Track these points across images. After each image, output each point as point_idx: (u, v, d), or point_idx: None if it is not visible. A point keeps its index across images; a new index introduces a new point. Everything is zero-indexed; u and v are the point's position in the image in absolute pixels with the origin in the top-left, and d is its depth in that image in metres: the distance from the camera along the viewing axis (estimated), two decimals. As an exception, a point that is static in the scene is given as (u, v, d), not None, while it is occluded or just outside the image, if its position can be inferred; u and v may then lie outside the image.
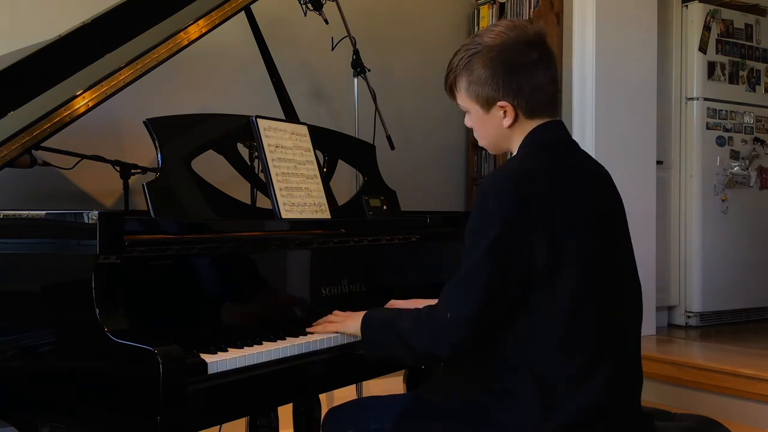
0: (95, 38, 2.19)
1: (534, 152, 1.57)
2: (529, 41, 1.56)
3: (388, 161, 2.86)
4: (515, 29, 1.57)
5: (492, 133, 1.63)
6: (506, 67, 1.55)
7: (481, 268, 1.46)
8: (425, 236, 2.28)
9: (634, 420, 1.56)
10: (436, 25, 4.16)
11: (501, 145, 1.65)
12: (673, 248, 4.48)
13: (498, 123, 1.60)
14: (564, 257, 1.46)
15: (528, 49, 1.55)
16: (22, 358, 1.57)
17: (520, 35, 1.56)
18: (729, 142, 4.60)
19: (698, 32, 4.49)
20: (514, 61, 1.55)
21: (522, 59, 1.55)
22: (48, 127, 1.87)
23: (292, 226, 1.96)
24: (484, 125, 1.63)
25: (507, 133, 1.61)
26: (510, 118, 1.58)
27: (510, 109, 1.57)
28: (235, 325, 1.73)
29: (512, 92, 1.56)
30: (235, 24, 2.47)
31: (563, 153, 1.60)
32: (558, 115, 1.65)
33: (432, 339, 1.51)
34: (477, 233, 1.48)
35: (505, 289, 1.46)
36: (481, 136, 1.67)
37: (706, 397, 3.24)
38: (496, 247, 1.45)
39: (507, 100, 1.57)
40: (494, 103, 1.58)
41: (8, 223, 1.61)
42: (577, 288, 1.47)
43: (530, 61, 1.55)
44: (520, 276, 1.46)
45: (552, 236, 1.46)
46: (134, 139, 2.83)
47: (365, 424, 1.68)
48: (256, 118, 2.04)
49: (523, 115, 1.58)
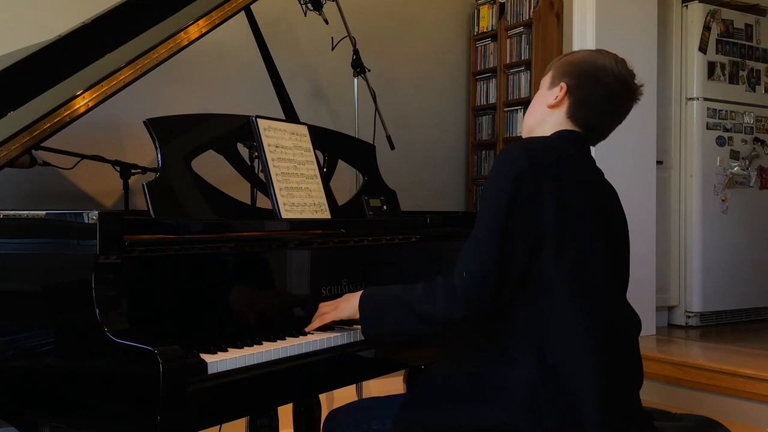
0: (95, 38, 2.19)
1: (554, 140, 1.64)
2: (622, 78, 1.66)
3: (388, 161, 2.86)
4: (625, 70, 1.68)
5: (537, 109, 1.72)
6: (592, 65, 1.66)
7: (493, 228, 1.49)
8: (425, 236, 2.28)
9: (634, 419, 1.56)
10: (436, 25, 4.16)
11: (534, 129, 1.72)
12: (673, 248, 4.49)
13: (547, 101, 1.68)
14: (570, 226, 1.51)
15: (615, 79, 1.65)
16: (22, 358, 1.57)
17: (623, 72, 1.67)
18: (729, 142, 4.61)
19: (698, 32, 4.49)
20: (600, 70, 1.66)
21: (605, 78, 1.65)
22: (48, 127, 1.87)
23: (292, 226, 1.96)
24: (538, 99, 1.73)
25: (546, 114, 1.69)
26: (558, 100, 1.66)
27: (564, 92, 1.66)
28: (235, 325, 1.73)
29: (577, 81, 1.65)
30: (235, 24, 2.47)
31: (581, 152, 1.65)
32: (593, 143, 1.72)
33: (447, 302, 1.52)
34: (489, 194, 1.53)
35: (516, 248, 1.49)
36: (528, 113, 1.76)
37: (706, 397, 3.24)
38: (508, 205, 1.49)
39: (568, 84, 1.66)
40: (559, 82, 1.67)
41: (8, 223, 1.61)
42: (583, 262, 1.51)
43: (607, 84, 1.65)
44: (529, 236, 1.49)
45: (560, 201, 1.50)
46: (134, 139, 2.83)
47: (366, 424, 1.68)
48: (256, 118, 2.04)
49: (567, 108, 1.66)
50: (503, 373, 1.50)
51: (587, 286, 1.52)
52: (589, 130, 1.67)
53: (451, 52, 4.23)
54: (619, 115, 1.69)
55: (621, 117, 1.69)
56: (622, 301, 1.64)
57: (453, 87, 4.23)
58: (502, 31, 4.17)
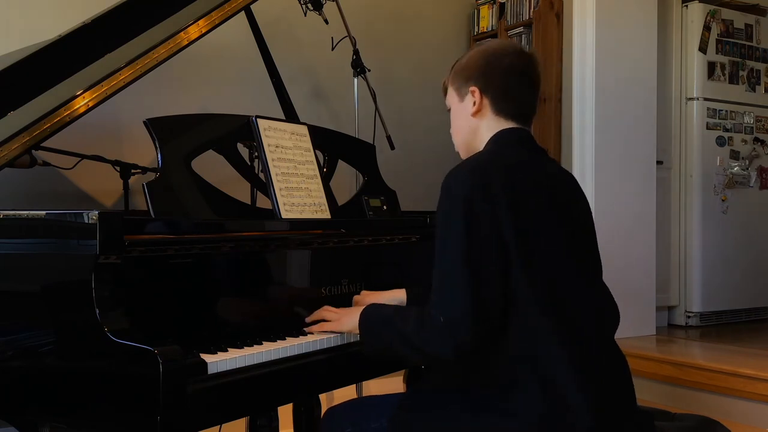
0: (95, 38, 2.19)
1: (497, 149, 1.62)
2: (518, 52, 1.65)
3: (388, 161, 2.86)
4: (514, 44, 1.68)
5: (462, 124, 1.69)
6: (487, 58, 1.64)
7: (457, 262, 1.45)
8: (425, 236, 2.28)
9: (634, 419, 1.56)
10: (436, 26, 4.16)
11: (470, 142, 1.69)
12: (673, 248, 4.48)
13: (468, 112, 1.65)
14: (531, 233, 1.48)
15: (513, 56, 1.64)
16: (23, 357, 1.57)
17: (515, 46, 1.70)
18: (729, 142, 4.60)
19: (698, 32, 4.49)
20: (495, 57, 1.64)
21: (504, 60, 1.63)
22: (48, 127, 1.87)
23: (292, 226, 1.96)
24: (456, 117, 1.70)
25: (474, 124, 1.66)
26: (477, 105, 1.64)
27: (478, 95, 1.63)
28: (235, 325, 1.73)
29: (483, 78, 1.63)
30: (235, 24, 2.47)
31: (526, 150, 1.63)
32: (529, 125, 1.69)
33: (437, 342, 1.49)
34: (446, 225, 1.50)
35: (487, 273, 1.45)
36: (455, 133, 1.73)
37: (706, 397, 3.24)
38: (467, 234, 1.45)
39: (477, 85, 1.63)
40: (467, 90, 1.65)
41: (8, 223, 1.61)
42: (549, 268, 1.49)
43: (510, 65, 1.63)
44: (497, 257, 1.45)
45: (516, 211, 1.47)
46: (134, 139, 2.83)
47: (364, 423, 1.68)
48: (256, 118, 2.04)
49: (490, 106, 1.64)
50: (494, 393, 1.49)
51: (556, 293, 1.49)
52: (521, 115, 1.65)
53: (451, 52, 4.22)
54: (537, 84, 1.68)
55: (538, 84, 1.68)
56: (597, 290, 1.61)
57: (453, 87, 4.22)
58: (502, 31, 4.16)
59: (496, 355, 1.50)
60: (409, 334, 1.54)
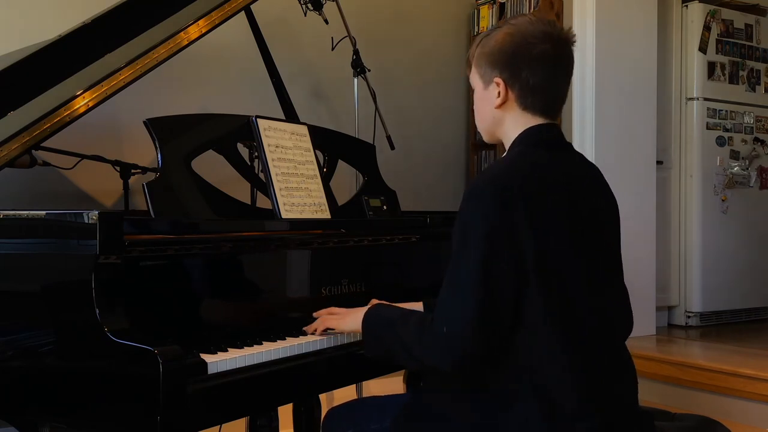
0: (95, 38, 2.19)
1: (523, 153, 1.53)
2: (552, 37, 1.51)
3: (388, 161, 2.86)
4: (548, 27, 1.52)
5: (486, 113, 1.59)
6: (516, 45, 1.51)
7: (470, 279, 1.41)
8: (425, 236, 2.28)
9: (634, 420, 1.56)
10: (436, 25, 4.16)
11: (493, 132, 1.61)
12: (673, 248, 4.48)
13: (492, 104, 1.55)
14: (550, 254, 1.43)
15: (546, 42, 1.50)
16: (23, 357, 1.57)
17: (549, 30, 1.51)
18: (729, 142, 4.60)
19: (698, 32, 4.49)
20: (526, 44, 1.50)
21: (535, 49, 1.50)
22: (48, 127, 1.87)
23: (292, 226, 1.96)
24: (480, 102, 1.60)
25: (498, 116, 1.56)
26: (501, 98, 1.54)
27: (503, 87, 1.53)
28: (235, 325, 1.73)
29: (509, 70, 1.52)
30: (235, 24, 2.47)
31: (554, 155, 1.55)
32: (556, 121, 1.61)
33: (436, 353, 1.46)
34: (465, 238, 1.44)
35: (498, 298, 1.40)
36: (478, 118, 1.64)
37: (706, 397, 3.24)
38: (487, 252, 1.40)
39: (503, 76, 1.53)
40: (491, 78, 1.55)
41: (8, 223, 1.61)
42: (567, 287, 1.44)
43: (542, 53, 1.50)
44: (510, 283, 1.41)
45: (535, 224, 1.41)
46: (134, 139, 2.83)
47: (365, 424, 1.68)
48: (256, 118, 2.04)
49: (516, 100, 1.54)
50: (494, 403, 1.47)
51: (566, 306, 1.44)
52: (549, 108, 1.55)
53: (451, 52, 4.22)
54: (570, 72, 1.56)
55: (570, 70, 1.56)
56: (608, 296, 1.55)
57: (453, 87, 4.22)
58: (502, 31, 4.16)
59: (497, 365, 1.48)
60: (409, 341, 1.51)
